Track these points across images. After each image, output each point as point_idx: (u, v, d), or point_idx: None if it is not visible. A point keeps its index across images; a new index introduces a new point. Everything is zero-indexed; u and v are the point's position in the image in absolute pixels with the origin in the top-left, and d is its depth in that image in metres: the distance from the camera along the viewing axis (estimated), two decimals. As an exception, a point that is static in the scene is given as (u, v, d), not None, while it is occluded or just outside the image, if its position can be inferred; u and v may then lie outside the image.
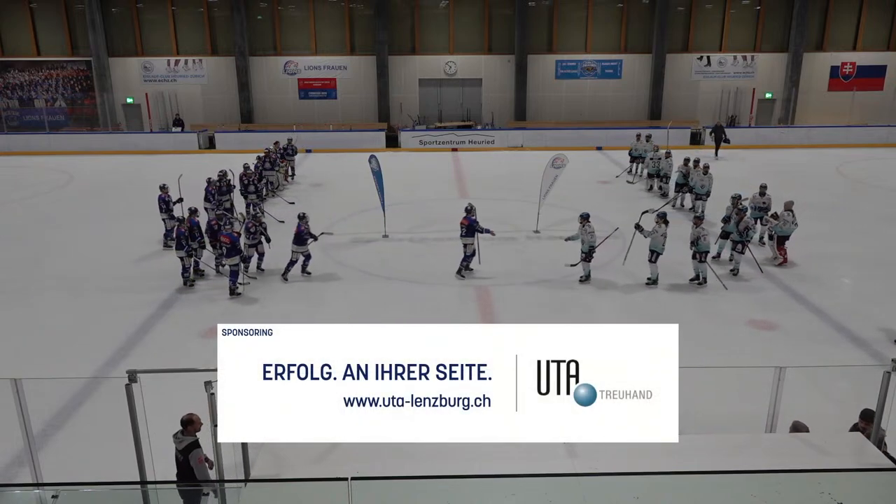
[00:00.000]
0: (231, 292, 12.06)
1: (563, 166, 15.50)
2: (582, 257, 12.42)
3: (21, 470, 6.82)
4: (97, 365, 9.56)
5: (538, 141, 27.50)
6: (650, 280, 12.47)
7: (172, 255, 12.68)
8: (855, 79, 30.53)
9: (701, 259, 12.30)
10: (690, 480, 4.62)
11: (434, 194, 19.71)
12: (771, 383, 6.06)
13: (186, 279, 12.51)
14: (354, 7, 29.89)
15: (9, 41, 29.89)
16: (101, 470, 5.84)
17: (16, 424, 5.66)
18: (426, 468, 4.98)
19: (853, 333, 10.39)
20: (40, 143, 27.73)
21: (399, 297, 12.15)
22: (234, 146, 27.12)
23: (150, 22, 29.83)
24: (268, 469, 5.19)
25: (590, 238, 12.30)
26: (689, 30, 30.32)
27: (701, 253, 12.25)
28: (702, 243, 12.21)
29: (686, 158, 17.65)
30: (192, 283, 12.52)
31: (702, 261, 12.32)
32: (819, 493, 4.32)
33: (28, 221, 17.43)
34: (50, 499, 4.60)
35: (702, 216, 13.81)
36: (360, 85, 30.50)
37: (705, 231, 12.34)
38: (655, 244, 12.28)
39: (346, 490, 4.14)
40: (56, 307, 11.78)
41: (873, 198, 19.11)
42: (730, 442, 5.73)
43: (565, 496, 4.44)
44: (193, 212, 12.87)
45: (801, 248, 14.47)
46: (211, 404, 4.82)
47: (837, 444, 5.55)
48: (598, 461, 5.24)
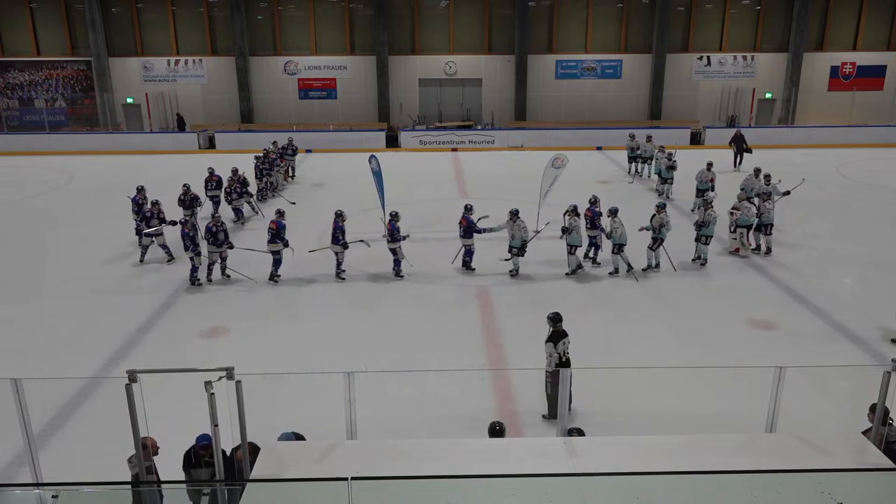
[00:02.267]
0: (271, 277, 12.55)
1: (563, 166, 15.50)
2: (514, 252, 12.67)
3: (21, 470, 6.83)
4: (97, 365, 9.56)
5: (538, 141, 27.51)
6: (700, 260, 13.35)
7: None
8: (855, 79, 30.54)
9: (705, 241, 13.27)
10: (690, 480, 4.61)
11: (434, 194, 19.71)
12: (771, 383, 6.06)
13: (195, 280, 12.52)
14: (354, 7, 29.89)
15: (9, 41, 29.89)
16: (101, 470, 5.83)
17: (16, 424, 5.65)
18: (426, 468, 4.98)
19: (853, 333, 10.39)
20: (40, 143, 27.75)
21: (399, 296, 12.15)
22: (234, 146, 27.12)
23: (150, 22, 29.84)
24: (268, 469, 5.19)
25: (521, 233, 12.52)
26: (689, 30, 30.32)
27: (706, 236, 13.24)
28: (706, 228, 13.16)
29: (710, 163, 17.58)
30: (199, 283, 12.53)
31: (705, 243, 13.27)
32: (819, 493, 4.31)
33: (28, 221, 17.43)
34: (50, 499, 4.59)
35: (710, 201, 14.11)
36: (360, 85, 30.51)
37: (715, 215, 13.27)
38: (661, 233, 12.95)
39: (346, 490, 4.14)
40: (56, 307, 11.78)
41: (873, 198, 19.11)
42: (730, 442, 5.72)
43: (565, 496, 4.44)
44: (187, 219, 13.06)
45: (802, 247, 14.51)
46: (211, 404, 4.81)
47: (837, 444, 5.55)
48: (598, 461, 5.24)
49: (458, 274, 13.04)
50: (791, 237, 15.07)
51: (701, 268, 13.23)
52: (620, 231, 12.71)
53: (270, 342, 10.31)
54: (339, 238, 12.61)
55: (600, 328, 10.88)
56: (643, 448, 5.54)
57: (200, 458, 5.77)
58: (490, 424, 6.50)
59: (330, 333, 10.65)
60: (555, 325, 7.98)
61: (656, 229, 12.91)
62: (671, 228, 13.03)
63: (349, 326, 10.88)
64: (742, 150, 22.54)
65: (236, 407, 5.07)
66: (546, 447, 5.78)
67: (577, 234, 12.72)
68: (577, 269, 12.91)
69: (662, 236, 12.92)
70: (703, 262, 13.33)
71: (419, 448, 5.70)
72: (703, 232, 13.23)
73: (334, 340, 10.37)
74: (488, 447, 5.90)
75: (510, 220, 12.64)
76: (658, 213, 12.95)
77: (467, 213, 12.86)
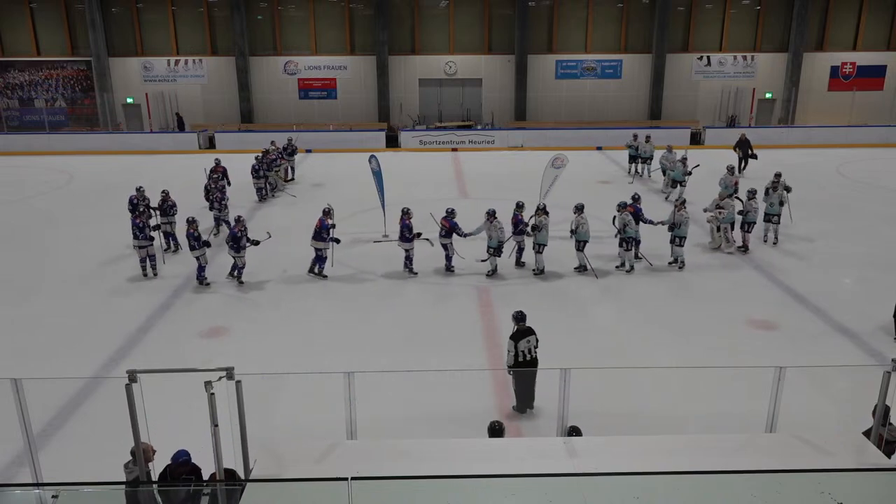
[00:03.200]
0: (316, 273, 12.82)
1: (563, 166, 15.51)
2: (491, 252, 12.73)
3: (21, 470, 6.83)
4: (97, 365, 9.56)
5: (538, 141, 27.50)
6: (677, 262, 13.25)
7: (173, 255, 12.69)
8: (855, 79, 30.53)
9: (679, 243, 13.10)
10: (690, 480, 4.61)
11: (434, 194, 19.70)
12: (771, 383, 6.06)
13: (202, 280, 12.53)
14: (354, 7, 29.89)
15: (9, 41, 29.88)
16: (101, 470, 5.83)
17: (16, 424, 5.65)
18: (426, 468, 4.98)
19: (853, 333, 10.39)
20: (40, 143, 27.74)
21: (399, 296, 12.16)
22: (234, 146, 27.12)
23: (150, 22, 29.83)
24: (268, 469, 5.19)
25: (497, 234, 12.57)
26: (689, 30, 30.32)
27: (679, 238, 13.06)
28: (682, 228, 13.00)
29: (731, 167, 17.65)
30: (207, 283, 12.54)
31: (679, 244, 13.11)
32: (819, 493, 4.31)
33: (28, 221, 17.43)
34: (50, 499, 4.59)
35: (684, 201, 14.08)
36: (360, 85, 30.50)
37: (687, 215, 13.05)
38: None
39: (346, 490, 4.14)
40: (56, 307, 11.78)
41: (873, 198, 19.10)
42: (730, 442, 5.72)
43: (565, 496, 4.44)
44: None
45: (802, 247, 14.51)
46: (211, 404, 4.81)
47: (837, 444, 5.55)
48: (598, 461, 5.24)
49: (458, 274, 13.04)
50: (791, 237, 15.07)
51: (679, 270, 13.06)
52: (585, 228, 12.75)
53: (270, 342, 10.32)
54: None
55: (600, 328, 10.89)
56: (643, 448, 5.54)
57: (178, 476, 5.66)
58: (490, 424, 6.50)
59: (330, 333, 10.65)
60: (517, 324, 8.18)
61: (620, 229, 12.90)
62: (635, 227, 12.96)
63: (349, 326, 10.88)
64: (747, 154, 21.69)
65: (236, 407, 5.07)
66: (546, 447, 5.78)
67: (545, 234, 12.68)
68: (542, 270, 12.91)
69: (628, 235, 12.86)
70: (682, 264, 13.15)
71: (419, 448, 5.69)
72: (677, 233, 13.04)
73: (334, 340, 10.37)
74: (488, 447, 5.91)
75: (487, 221, 12.66)
76: (620, 213, 12.92)
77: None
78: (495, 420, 6.58)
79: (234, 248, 12.34)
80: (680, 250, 13.14)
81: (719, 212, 13.90)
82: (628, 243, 12.93)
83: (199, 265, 12.53)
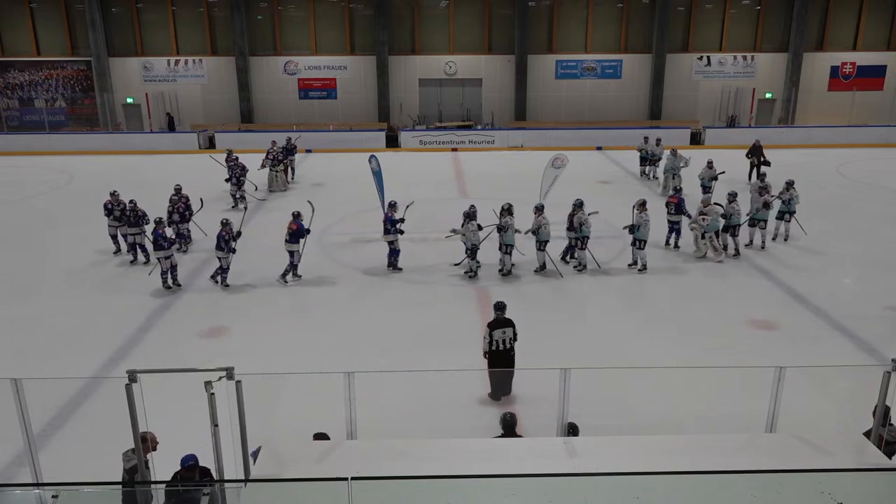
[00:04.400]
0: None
1: (563, 166, 15.50)
2: (467, 254, 12.79)
3: (21, 470, 6.83)
4: (97, 365, 9.56)
5: (538, 141, 27.49)
6: (637, 265, 13.09)
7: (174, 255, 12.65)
8: (855, 79, 30.53)
9: (640, 246, 13.01)
10: (690, 480, 4.61)
11: (434, 194, 19.70)
12: (771, 383, 6.06)
13: (224, 279, 12.43)
14: (354, 7, 29.89)
15: (9, 41, 29.88)
16: (101, 470, 5.84)
17: (16, 424, 5.65)
18: (426, 468, 4.98)
19: (853, 333, 10.39)
20: (40, 143, 27.73)
21: (399, 296, 12.15)
22: (234, 146, 26.99)
23: (150, 22, 29.83)
24: (268, 469, 5.19)
25: (471, 236, 12.60)
26: (689, 30, 30.32)
27: (640, 241, 12.96)
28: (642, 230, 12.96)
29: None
30: (226, 285, 12.44)
31: (640, 248, 13.02)
32: (819, 493, 4.31)
33: (28, 221, 17.43)
34: (50, 499, 4.59)
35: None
36: (360, 85, 30.50)
37: (647, 217, 12.95)
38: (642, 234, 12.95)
39: (346, 490, 4.14)
40: (56, 307, 11.79)
41: (873, 198, 19.11)
42: (730, 442, 5.72)
43: (565, 496, 4.44)
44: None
45: (802, 247, 14.51)
46: (211, 404, 4.82)
47: (837, 444, 5.55)
48: (598, 461, 5.24)
49: (458, 274, 13.04)
50: (791, 237, 15.06)
51: (640, 273, 12.96)
52: (547, 228, 12.78)
53: (270, 342, 10.32)
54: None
55: (600, 327, 10.89)
56: (643, 448, 5.54)
57: (187, 481, 5.64)
58: (502, 416, 6.53)
59: (330, 333, 10.65)
60: (496, 313, 8.60)
61: (577, 228, 12.86)
62: (590, 226, 12.94)
63: (349, 326, 10.88)
64: (760, 162, 20.39)
65: (236, 407, 5.07)
66: (546, 447, 5.78)
67: (511, 233, 12.63)
68: (509, 271, 12.88)
69: (584, 234, 12.82)
70: (643, 267, 12.98)
71: (419, 448, 5.70)
72: (638, 236, 12.88)
73: (334, 340, 10.38)
74: (488, 447, 5.91)
75: (465, 223, 12.68)
76: (575, 212, 12.88)
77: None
78: (507, 412, 6.60)
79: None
80: (641, 253, 12.97)
81: (702, 219, 13.55)
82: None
83: (220, 266, 12.41)
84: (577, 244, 13.05)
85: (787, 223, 14.68)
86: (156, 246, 12.16)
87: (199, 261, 13.84)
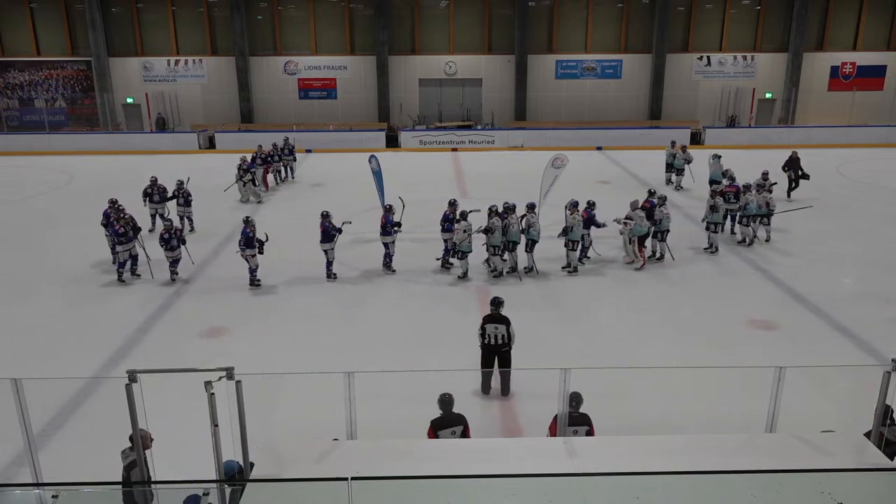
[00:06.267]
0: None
1: (563, 166, 15.50)
2: (458, 256, 12.86)
3: (21, 470, 6.83)
4: (97, 365, 9.56)
5: (538, 141, 27.50)
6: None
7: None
8: (855, 79, 30.54)
9: (573, 248, 12.97)
10: (690, 480, 4.61)
11: (434, 194, 19.68)
12: (771, 383, 6.06)
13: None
14: (354, 7, 29.89)
15: (9, 41, 29.89)
16: (101, 470, 5.83)
17: (16, 424, 5.65)
18: (426, 468, 4.98)
19: (853, 333, 10.39)
20: (40, 143, 27.74)
21: (399, 296, 12.15)
22: (234, 146, 27.08)
23: (150, 22, 29.84)
24: (268, 469, 5.19)
25: (460, 236, 12.63)
26: (689, 30, 30.32)
27: (573, 242, 12.92)
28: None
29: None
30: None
31: (573, 249, 12.98)
32: (819, 493, 4.31)
33: (28, 221, 17.43)
34: (50, 499, 4.58)
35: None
36: (360, 85, 30.50)
37: (580, 218, 12.90)
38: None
39: (346, 490, 4.13)
40: (56, 307, 11.79)
41: (873, 198, 19.11)
42: (730, 442, 5.72)
43: (565, 496, 4.44)
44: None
45: (802, 247, 14.51)
46: (211, 404, 4.81)
47: (837, 444, 5.55)
48: (598, 461, 5.24)
49: (458, 274, 13.03)
50: (791, 237, 15.07)
51: (574, 274, 12.93)
52: (538, 227, 12.77)
53: (270, 342, 10.32)
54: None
55: (600, 328, 10.89)
56: (643, 448, 5.54)
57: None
58: (440, 396, 6.57)
59: (330, 333, 10.65)
60: (490, 308, 8.74)
61: (525, 230, 12.82)
62: (539, 229, 12.87)
63: (349, 326, 10.88)
64: (798, 175, 18.92)
65: (236, 407, 5.07)
66: (546, 447, 5.78)
67: (498, 235, 12.60)
68: (501, 272, 12.87)
69: (532, 237, 12.78)
70: (574, 269, 12.96)
71: (419, 448, 5.70)
72: (571, 237, 12.85)
73: (334, 340, 10.37)
74: (488, 447, 5.91)
75: (459, 222, 12.70)
76: (528, 212, 12.84)
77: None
78: (445, 392, 6.61)
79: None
80: (574, 255, 12.97)
81: (626, 223, 13.31)
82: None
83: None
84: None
85: (661, 242, 13.80)
86: (246, 243, 12.27)
87: (198, 261, 13.83)
